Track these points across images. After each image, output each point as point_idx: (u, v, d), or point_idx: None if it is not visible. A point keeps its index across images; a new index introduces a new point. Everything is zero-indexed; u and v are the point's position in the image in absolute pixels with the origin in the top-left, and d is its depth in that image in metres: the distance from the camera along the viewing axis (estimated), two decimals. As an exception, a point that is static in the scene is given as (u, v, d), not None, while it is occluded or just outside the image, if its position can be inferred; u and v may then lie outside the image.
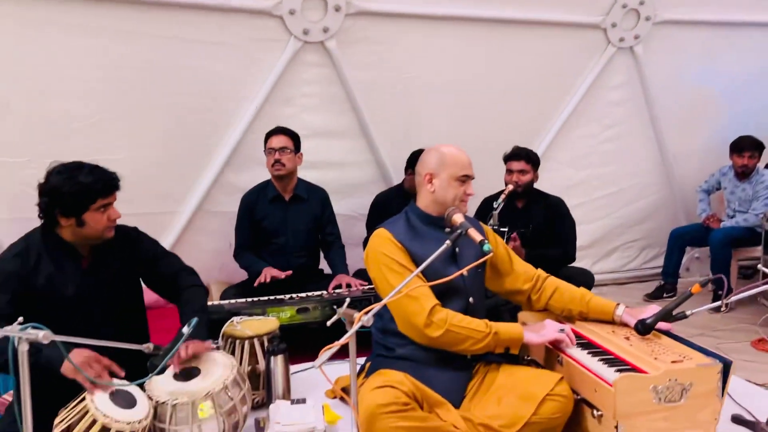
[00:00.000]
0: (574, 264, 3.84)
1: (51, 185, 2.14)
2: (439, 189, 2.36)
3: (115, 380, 2.04)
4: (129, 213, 2.35)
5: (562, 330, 2.28)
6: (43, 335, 1.60)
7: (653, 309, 2.35)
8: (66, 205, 2.13)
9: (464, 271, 2.15)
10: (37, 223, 2.30)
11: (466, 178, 2.39)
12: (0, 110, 3.46)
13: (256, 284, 3.45)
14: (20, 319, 1.65)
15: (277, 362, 2.46)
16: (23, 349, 1.60)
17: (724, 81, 5.02)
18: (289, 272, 3.49)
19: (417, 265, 2.10)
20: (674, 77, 4.89)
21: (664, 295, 4.73)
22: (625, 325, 2.38)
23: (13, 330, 1.59)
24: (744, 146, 4.62)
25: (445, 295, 2.28)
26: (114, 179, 2.22)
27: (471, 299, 2.37)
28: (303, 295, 3.43)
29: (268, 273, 3.46)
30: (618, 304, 2.43)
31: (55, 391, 1.98)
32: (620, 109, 4.89)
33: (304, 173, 3.83)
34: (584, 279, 3.61)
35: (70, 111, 3.60)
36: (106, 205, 2.19)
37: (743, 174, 4.66)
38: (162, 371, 2.09)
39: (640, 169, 5.09)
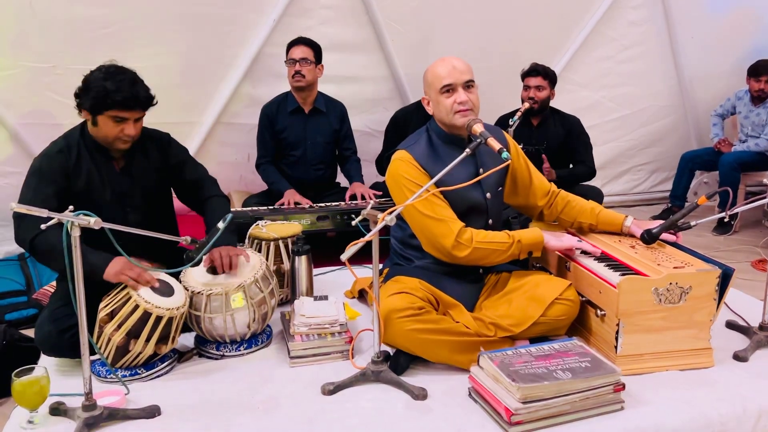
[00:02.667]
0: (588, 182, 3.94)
1: (87, 77, 2.21)
2: (434, 110, 2.33)
3: (155, 271, 2.18)
4: (149, 122, 2.37)
5: (579, 242, 2.40)
6: (95, 221, 1.72)
7: (659, 223, 2.47)
8: (87, 100, 2.19)
9: (484, 176, 2.22)
10: (63, 128, 2.38)
11: (449, 88, 2.26)
12: (24, 14, 3.48)
13: (276, 205, 3.56)
14: (71, 207, 1.76)
15: (302, 262, 2.59)
16: (75, 234, 1.73)
17: (750, 4, 4.93)
18: (310, 202, 3.58)
19: (437, 187, 2.10)
20: (697, -2, 4.82)
21: (670, 216, 4.85)
22: (633, 235, 2.50)
23: (66, 216, 1.71)
24: (761, 70, 4.61)
25: (466, 216, 2.33)
26: (135, 99, 2.18)
27: (490, 221, 2.43)
28: (322, 204, 3.57)
29: (292, 198, 3.55)
30: (626, 216, 2.54)
31: (99, 281, 2.13)
32: (639, 29, 4.85)
33: (319, 87, 3.85)
34: (594, 196, 3.71)
35: (92, 17, 3.62)
36: (122, 119, 2.19)
37: (759, 98, 4.67)
38: (197, 263, 2.23)
39: (655, 91, 5.09)
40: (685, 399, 1.99)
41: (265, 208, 3.49)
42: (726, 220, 2.30)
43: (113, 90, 2.15)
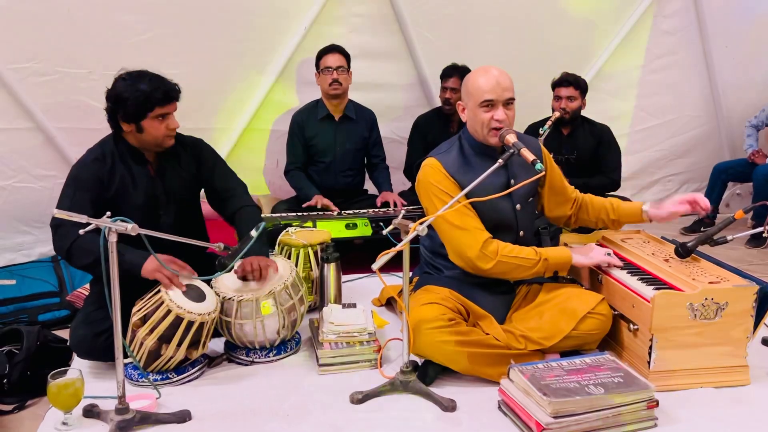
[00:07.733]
0: (614, 192, 3.88)
1: (114, 91, 2.24)
2: (469, 120, 2.31)
3: (188, 278, 2.21)
4: (180, 129, 2.38)
5: (608, 254, 2.37)
6: (132, 227, 1.76)
7: (674, 201, 2.39)
8: (127, 111, 2.22)
9: (517, 187, 2.21)
10: (98, 133, 2.41)
11: (489, 104, 2.23)
12: (61, 21, 3.55)
13: (305, 205, 3.57)
14: (108, 213, 1.80)
15: (330, 269, 2.60)
16: (112, 239, 1.76)
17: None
18: (337, 210, 3.57)
19: (468, 196, 2.09)
20: (732, 5, 4.73)
21: (702, 229, 4.75)
22: (653, 220, 2.43)
23: (104, 221, 1.75)
24: (799, 80, 4.51)
25: (497, 229, 2.31)
26: (173, 89, 2.27)
27: (522, 233, 2.40)
28: (351, 211, 3.58)
29: (320, 200, 3.56)
30: (644, 202, 2.47)
31: (132, 285, 2.16)
32: (672, 38, 4.77)
33: (349, 94, 3.83)
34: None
35: (128, 24, 3.67)
36: (165, 115, 2.26)
37: (795, 109, 4.57)
38: (230, 270, 2.25)
39: (688, 101, 5.00)
40: (720, 417, 1.95)
41: (295, 214, 3.51)
42: (765, 235, 2.25)
43: (150, 90, 2.20)
